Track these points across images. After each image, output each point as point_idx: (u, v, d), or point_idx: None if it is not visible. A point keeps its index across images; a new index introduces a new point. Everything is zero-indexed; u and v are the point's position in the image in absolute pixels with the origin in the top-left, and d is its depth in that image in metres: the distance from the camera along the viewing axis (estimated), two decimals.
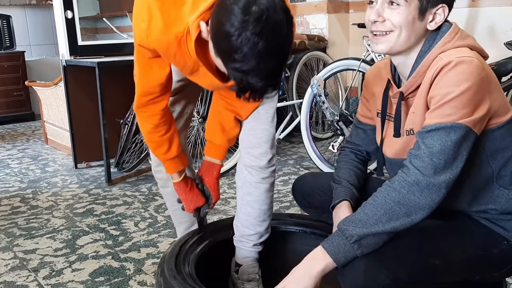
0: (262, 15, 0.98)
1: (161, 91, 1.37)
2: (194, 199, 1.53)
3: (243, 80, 1.04)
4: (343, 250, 1.08)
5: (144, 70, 1.34)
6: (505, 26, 3.10)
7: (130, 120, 3.11)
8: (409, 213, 1.07)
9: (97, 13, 3.85)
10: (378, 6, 1.15)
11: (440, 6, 1.13)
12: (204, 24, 1.09)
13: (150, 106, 1.39)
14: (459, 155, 1.07)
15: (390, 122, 1.28)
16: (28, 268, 1.99)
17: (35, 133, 4.69)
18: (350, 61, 3.02)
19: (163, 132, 1.43)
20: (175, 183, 1.51)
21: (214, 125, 1.50)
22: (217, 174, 1.54)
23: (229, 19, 0.99)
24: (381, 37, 1.17)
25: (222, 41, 1.02)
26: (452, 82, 1.06)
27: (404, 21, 1.13)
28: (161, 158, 1.48)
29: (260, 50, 0.99)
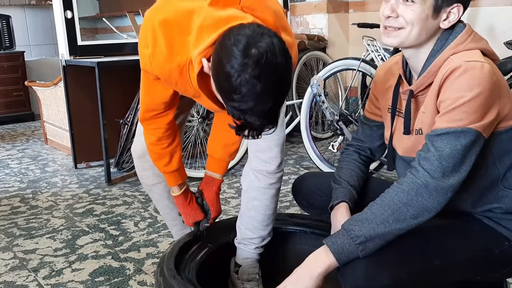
0: (261, 58, 1.00)
1: (165, 107, 1.38)
2: (193, 214, 1.53)
3: (241, 118, 1.06)
4: (347, 250, 1.08)
5: (148, 89, 1.36)
6: (505, 26, 3.10)
7: (130, 120, 3.11)
8: (416, 215, 1.07)
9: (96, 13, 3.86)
10: (393, 1, 1.16)
11: (455, 5, 1.13)
12: (206, 62, 1.11)
13: (155, 120, 1.40)
14: (468, 159, 1.07)
15: (399, 118, 1.28)
16: (28, 268, 1.99)
17: (35, 133, 4.69)
18: (350, 61, 3.02)
19: (166, 145, 1.44)
20: (175, 196, 1.52)
21: (215, 139, 1.52)
22: (217, 189, 1.55)
23: (229, 60, 1.01)
24: (392, 31, 1.17)
25: (222, 81, 1.04)
26: (464, 87, 1.06)
27: (417, 19, 1.13)
28: (162, 170, 1.48)
29: (258, 92, 1.01)
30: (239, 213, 1.52)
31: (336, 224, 1.26)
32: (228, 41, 1.03)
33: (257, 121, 1.06)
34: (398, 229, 1.08)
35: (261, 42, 1.01)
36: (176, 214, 1.64)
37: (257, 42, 1.01)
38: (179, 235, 1.64)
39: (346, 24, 4.12)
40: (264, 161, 1.43)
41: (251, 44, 1.00)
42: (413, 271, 1.09)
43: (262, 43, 1.01)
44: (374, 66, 2.91)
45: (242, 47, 1.00)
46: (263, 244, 1.50)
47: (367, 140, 1.44)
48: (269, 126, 1.10)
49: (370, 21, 3.06)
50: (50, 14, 5.54)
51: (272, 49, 1.01)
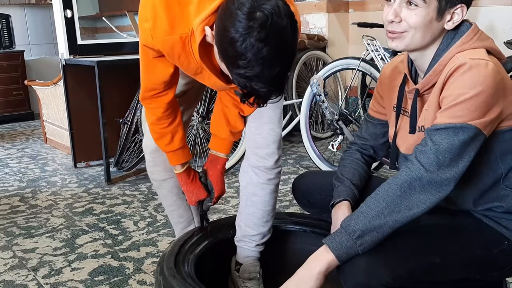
0: (266, 20, 0.97)
1: (165, 87, 1.37)
2: (196, 191, 1.53)
3: (247, 86, 1.04)
4: (345, 246, 1.08)
5: (148, 68, 1.35)
6: (505, 25, 3.10)
7: (130, 119, 3.11)
8: (410, 207, 1.07)
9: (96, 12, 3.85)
10: (396, 6, 1.14)
11: (459, 5, 1.12)
12: (209, 29, 1.09)
13: (154, 99, 1.39)
14: (466, 155, 1.07)
15: (404, 116, 1.28)
16: (28, 267, 1.99)
17: (35, 132, 4.69)
18: (350, 61, 3.02)
19: (166, 124, 1.43)
20: (177, 173, 1.52)
21: (219, 118, 1.50)
22: (221, 168, 1.53)
23: (233, 25, 0.99)
24: (396, 35, 1.16)
25: (227, 47, 1.01)
26: (467, 84, 1.06)
27: (421, 22, 1.12)
28: (163, 149, 1.48)
29: (265, 56, 0.99)
30: (238, 210, 1.52)
31: (337, 222, 1.26)
32: (231, 5, 1.01)
33: (264, 88, 1.03)
34: (394, 220, 1.07)
35: (266, 5, 0.98)
36: (183, 211, 1.64)
37: (261, 4, 0.98)
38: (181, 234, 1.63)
39: (346, 23, 4.12)
40: (262, 158, 1.43)
41: (255, 7, 0.98)
42: (413, 269, 1.09)
43: (267, 5, 0.98)
44: (374, 66, 2.91)
45: (246, 10, 0.98)
46: (264, 241, 1.50)
47: (370, 138, 1.44)
48: (275, 93, 1.07)
49: (370, 21, 3.06)
50: (50, 13, 5.54)
51: (278, 11, 0.99)
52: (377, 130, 1.42)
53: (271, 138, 1.42)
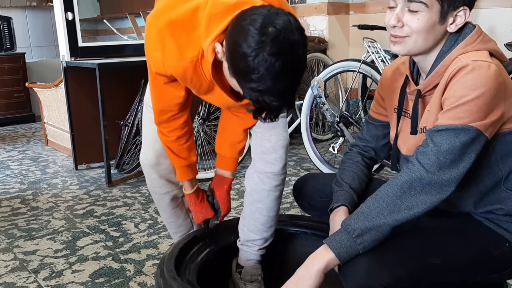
0: (279, 35, 0.99)
1: (180, 109, 1.38)
2: (204, 212, 1.54)
3: (260, 100, 1.05)
4: (345, 244, 1.08)
5: (160, 93, 1.36)
6: (505, 27, 3.10)
7: (131, 121, 3.11)
8: (410, 207, 1.08)
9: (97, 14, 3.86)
10: (398, 10, 1.14)
11: (462, 8, 1.12)
12: (220, 46, 1.10)
13: (170, 122, 1.40)
14: (466, 157, 1.07)
15: (405, 118, 1.28)
16: (28, 269, 1.99)
17: (36, 134, 4.69)
18: (350, 63, 3.02)
19: (184, 141, 1.44)
20: (187, 194, 1.53)
21: (223, 138, 1.52)
22: (227, 188, 1.55)
23: (245, 40, 1.00)
24: (399, 40, 1.16)
25: (239, 62, 1.02)
26: (468, 85, 1.06)
27: (424, 27, 1.12)
28: (179, 164, 1.47)
29: (277, 70, 1.00)
30: (242, 214, 1.52)
31: (334, 228, 1.26)
32: (243, 22, 1.02)
33: (276, 102, 1.04)
34: (394, 220, 1.08)
35: (278, 20, 1.00)
36: (182, 221, 1.65)
37: (273, 20, 1.00)
38: None
39: (346, 25, 4.13)
40: (269, 163, 1.43)
41: (267, 22, 1.00)
42: (414, 270, 1.09)
43: (279, 21, 1.00)
44: (374, 68, 2.92)
45: (259, 26, 0.99)
46: (266, 246, 1.51)
47: (372, 140, 1.44)
48: (287, 106, 1.09)
49: (370, 23, 3.07)
50: (51, 16, 5.55)
51: (289, 26, 1.01)
52: (378, 132, 1.42)
53: (279, 143, 1.43)
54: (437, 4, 1.10)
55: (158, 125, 1.43)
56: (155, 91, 1.37)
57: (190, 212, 1.66)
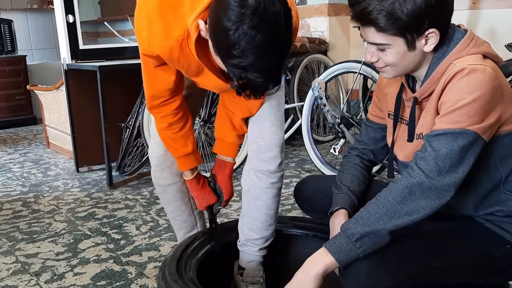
0: (258, 7, 0.96)
1: (171, 94, 1.37)
2: (206, 197, 1.54)
3: (243, 77, 1.02)
4: (345, 249, 1.08)
5: (150, 78, 1.35)
6: (506, 28, 3.10)
7: (132, 123, 3.12)
8: (410, 212, 1.07)
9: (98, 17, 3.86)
10: (369, 48, 1.16)
11: (428, 31, 1.10)
12: (203, 23, 1.08)
13: (162, 107, 1.40)
14: (465, 160, 1.07)
15: (402, 124, 1.28)
16: (30, 272, 1.99)
17: (37, 137, 4.70)
18: (351, 64, 3.02)
19: (178, 129, 1.44)
20: (187, 180, 1.52)
21: (224, 123, 1.49)
22: (229, 172, 1.54)
23: (226, 14, 0.97)
24: (380, 69, 1.19)
25: (220, 37, 1.00)
26: (464, 89, 1.06)
27: (395, 59, 1.14)
28: (175, 154, 1.48)
29: (258, 44, 0.97)
30: (241, 214, 1.52)
31: (334, 231, 1.26)
32: None
33: (260, 78, 1.01)
34: (394, 225, 1.08)
35: None
36: (186, 216, 1.65)
37: None
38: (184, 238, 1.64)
39: (347, 27, 4.13)
40: (265, 161, 1.43)
41: None
42: (415, 273, 1.09)
43: None
44: (375, 69, 2.91)
45: None
46: (267, 245, 1.50)
47: (370, 143, 1.44)
48: (272, 83, 1.05)
49: None
50: (52, 18, 5.55)
51: None
52: (377, 134, 1.42)
53: (274, 141, 1.42)
54: (399, 38, 1.10)
55: (150, 110, 1.42)
56: (146, 76, 1.35)
57: (195, 209, 1.66)
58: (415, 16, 1.06)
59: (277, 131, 1.43)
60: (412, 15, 1.06)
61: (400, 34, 1.09)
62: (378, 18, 1.07)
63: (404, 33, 1.09)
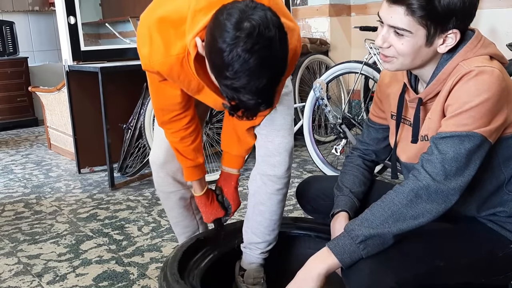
0: (253, 31, 0.97)
1: (181, 109, 1.37)
2: (214, 212, 1.55)
3: (235, 98, 1.03)
4: (349, 250, 1.08)
5: (157, 92, 1.36)
6: (507, 28, 3.10)
7: (133, 124, 3.12)
8: (416, 216, 1.07)
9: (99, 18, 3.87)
10: (384, 32, 1.13)
11: (451, 31, 1.09)
12: (200, 40, 1.09)
13: (173, 123, 1.40)
14: (472, 164, 1.06)
15: (405, 125, 1.28)
16: (32, 273, 1.99)
17: (39, 138, 4.71)
18: (352, 64, 3.02)
19: (189, 142, 1.44)
20: (197, 196, 1.53)
21: (229, 136, 1.50)
22: (235, 184, 1.55)
23: (221, 35, 0.98)
24: (386, 59, 1.16)
25: (215, 57, 1.01)
26: (472, 91, 1.05)
27: (409, 51, 1.11)
28: (185, 164, 1.47)
29: (251, 67, 0.98)
30: (246, 216, 1.52)
31: (334, 233, 1.26)
32: (220, 16, 1.01)
33: (251, 100, 1.02)
34: (399, 229, 1.07)
35: (254, 15, 0.98)
36: (189, 221, 1.65)
37: (250, 15, 0.98)
38: None
39: (348, 27, 4.13)
40: (273, 165, 1.42)
41: (244, 17, 0.98)
42: (418, 273, 1.09)
43: (255, 16, 0.98)
44: (376, 69, 2.91)
45: (234, 21, 0.98)
46: (269, 249, 1.50)
47: (372, 143, 1.44)
48: (263, 105, 1.06)
49: (372, 25, 3.06)
50: (54, 20, 5.56)
51: (265, 22, 0.98)
52: (379, 135, 1.42)
53: (282, 146, 1.42)
54: (422, 29, 1.08)
55: (161, 126, 1.42)
56: (152, 90, 1.37)
57: (197, 214, 1.66)
58: (449, 10, 1.05)
59: (286, 135, 1.42)
60: (447, 9, 1.05)
61: (426, 24, 1.07)
62: None
63: (430, 25, 1.07)
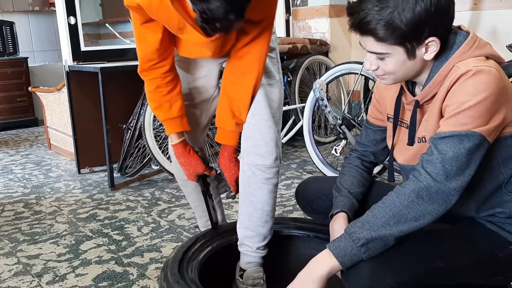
0: None
1: (160, 57, 1.44)
2: (194, 164, 1.56)
3: (205, 8, 1.06)
4: (350, 253, 1.08)
5: (139, 37, 1.44)
6: (507, 29, 3.10)
7: (133, 125, 3.12)
8: (417, 217, 1.07)
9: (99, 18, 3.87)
10: (368, 56, 1.16)
11: (429, 40, 1.09)
12: None
13: (152, 70, 1.47)
14: (472, 163, 1.07)
15: (402, 128, 1.28)
16: (32, 273, 1.99)
17: (38, 138, 4.71)
18: (352, 65, 3.02)
19: (165, 92, 1.49)
20: (173, 144, 1.55)
21: (224, 110, 1.50)
22: (228, 154, 1.54)
23: None
24: (379, 76, 1.19)
25: None
26: (470, 91, 1.06)
27: (395, 68, 1.13)
28: (161, 117, 1.52)
29: None
30: (238, 211, 1.52)
31: (334, 234, 1.26)
32: None
33: (220, 8, 1.05)
34: (400, 231, 1.07)
35: None
36: (205, 207, 1.67)
37: None
38: (206, 226, 1.76)
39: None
40: (261, 155, 1.43)
41: None
42: (418, 274, 1.09)
43: None
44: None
45: None
46: (263, 244, 1.49)
47: (370, 144, 1.44)
48: (233, 14, 1.08)
49: None
50: (54, 20, 5.56)
51: None
52: (377, 136, 1.42)
53: (269, 135, 1.43)
54: (399, 47, 1.09)
55: (140, 73, 1.50)
56: (136, 37, 1.44)
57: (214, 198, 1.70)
58: (414, 25, 1.05)
59: (272, 126, 1.44)
60: (411, 24, 1.05)
61: (400, 43, 1.08)
62: (377, 28, 1.07)
63: (403, 42, 1.08)
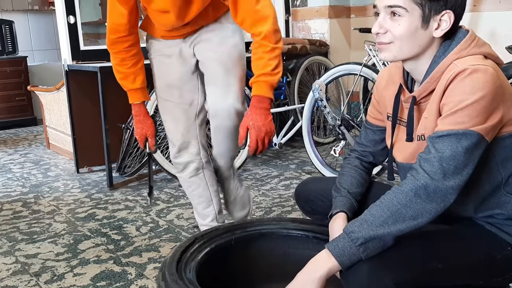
0: None
1: (126, 31, 1.67)
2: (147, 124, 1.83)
3: None
4: (348, 252, 1.08)
5: (109, 10, 1.64)
6: (507, 30, 3.10)
7: (132, 124, 3.12)
8: (415, 216, 1.07)
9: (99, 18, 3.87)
10: (380, 18, 1.15)
11: (445, 12, 1.11)
12: None
13: (117, 44, 1.70)
14: (469, 162, 1.07)
15: (401, 126, 1.28)
16: (30, 272, 1.99)
17: (37, 138, 4.70)
18: (352, 66, 3.02)
19: (129, 65, 1.74)
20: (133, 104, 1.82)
21: None
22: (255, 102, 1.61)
23: None
24: (383, 46, 1.17)
25: None
26: (467, 90, 1.06)
27: (406, 33, 1.12)
28: (126, 87, 1.79)
29: None
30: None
31: (333, 234, 1.26)
32: None
33: None
34: (398, 230, 1.07)
35: None
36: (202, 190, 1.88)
37: None
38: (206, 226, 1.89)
39: (347, 29, 4.13)
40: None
41: None
42: (416, 275, 1.09)
43: None
44: (375, 71, 2.92)
45: None
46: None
47: (370, 145, 1.44)
48: None
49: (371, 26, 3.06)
50: (53, 19, 5.55)
51: None
52: (376, 137, 1.42)
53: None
54: (417, 8, 1.10)
55: (108, 46, 1.71)
56: (107, 9, 1.64)
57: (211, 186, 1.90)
58: None
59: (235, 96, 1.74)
60: None
61: (421, 3, 1.09)
62: None
63: (424, 4, 1.09)
